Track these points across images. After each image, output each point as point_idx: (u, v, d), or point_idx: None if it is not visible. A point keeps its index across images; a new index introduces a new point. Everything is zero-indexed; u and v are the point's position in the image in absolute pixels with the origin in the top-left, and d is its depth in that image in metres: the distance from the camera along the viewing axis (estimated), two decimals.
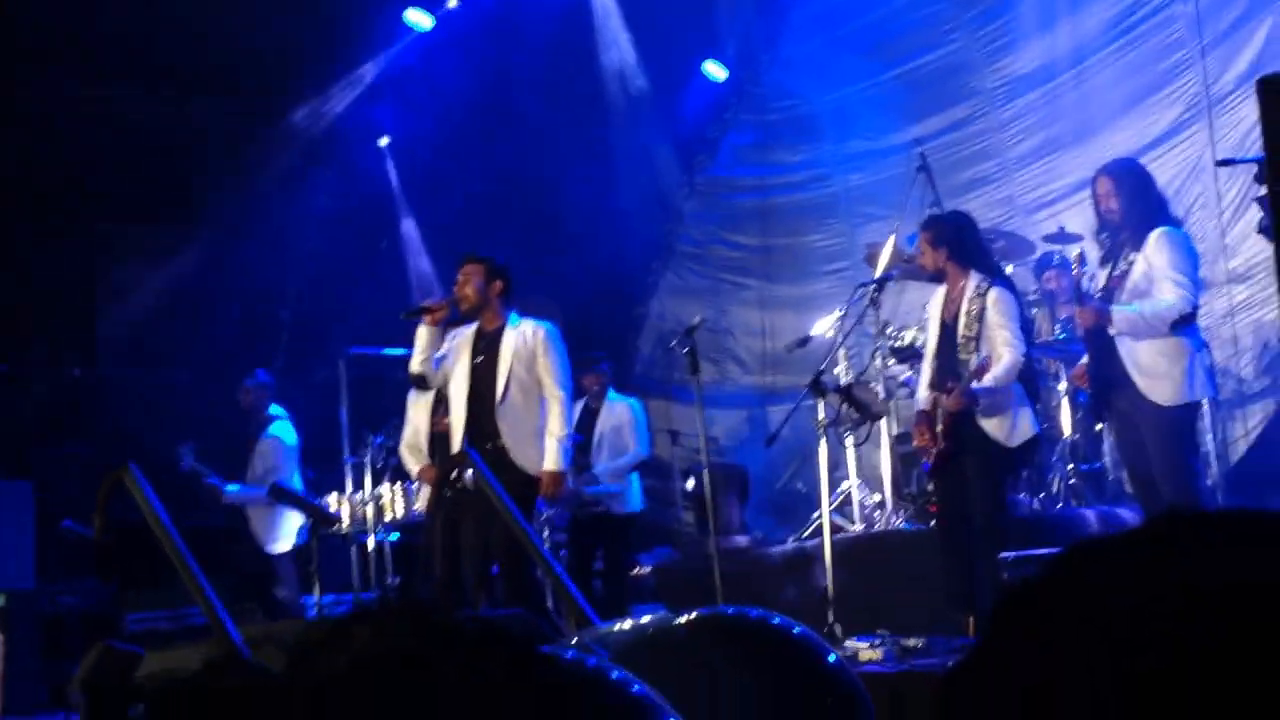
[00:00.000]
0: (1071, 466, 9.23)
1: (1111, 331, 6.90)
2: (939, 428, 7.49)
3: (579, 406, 10.76)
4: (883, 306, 9.28)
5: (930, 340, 7.77)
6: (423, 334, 8.07)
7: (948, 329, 7.59)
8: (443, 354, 8.05)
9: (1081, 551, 1.13)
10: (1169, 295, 6.78)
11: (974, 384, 7.28)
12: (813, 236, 13.38)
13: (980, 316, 7.44)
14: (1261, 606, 0.97)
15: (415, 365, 8.14)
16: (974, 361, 7.31)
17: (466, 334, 8.14)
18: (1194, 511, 1.16)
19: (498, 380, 7.89)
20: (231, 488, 10.39)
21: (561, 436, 7.83)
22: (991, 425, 7.38)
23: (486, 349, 8.00)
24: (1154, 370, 6.84)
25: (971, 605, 7.43)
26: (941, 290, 7.75)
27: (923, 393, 7.72)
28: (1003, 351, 7.35)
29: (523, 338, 7.95)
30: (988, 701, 1.06)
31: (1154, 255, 6.84)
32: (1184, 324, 6.86)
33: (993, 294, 7.47)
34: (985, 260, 7.71)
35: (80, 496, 7.66)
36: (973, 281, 7.53)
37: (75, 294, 11.30)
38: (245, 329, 12.47)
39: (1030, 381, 7.70)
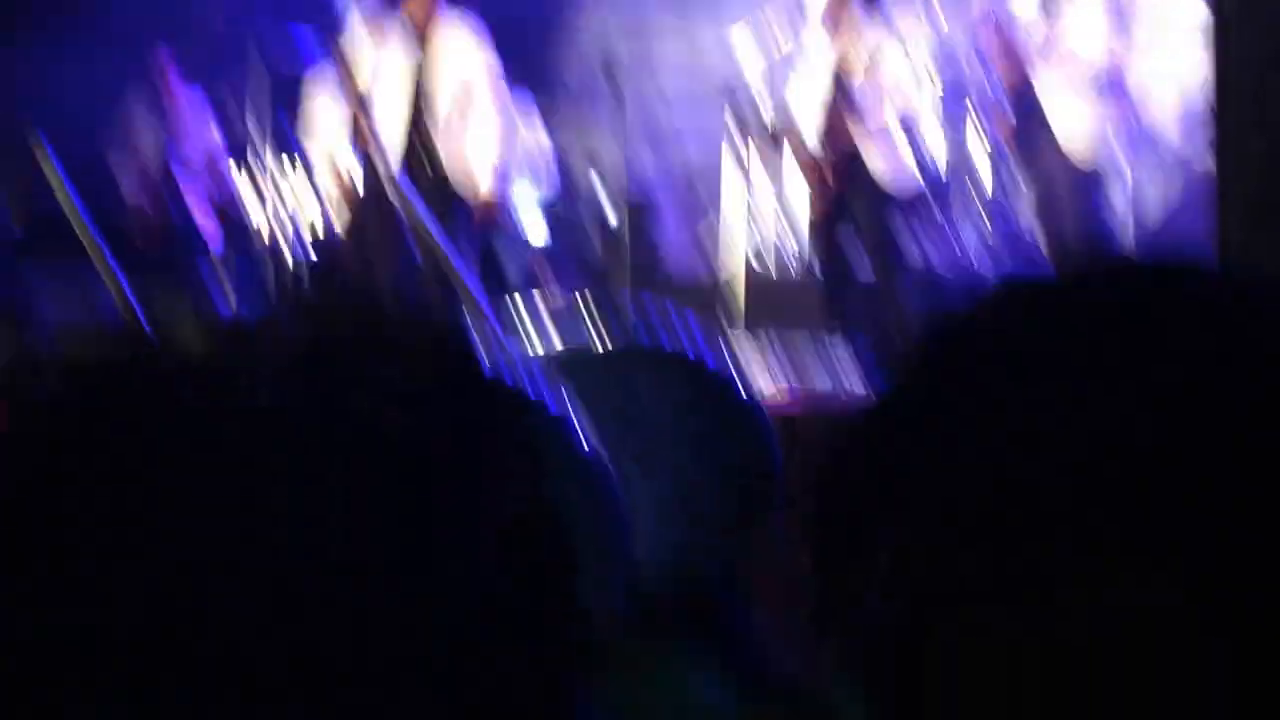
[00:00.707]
0: (989, 226, 9.36)
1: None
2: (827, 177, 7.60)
3: None
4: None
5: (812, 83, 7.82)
6: None
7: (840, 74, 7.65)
8: None
9: (1016, 288, 1.07)
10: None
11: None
12: None
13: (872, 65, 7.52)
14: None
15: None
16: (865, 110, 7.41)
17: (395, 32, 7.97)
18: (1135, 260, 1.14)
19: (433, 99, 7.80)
20: None
21: (500, 158, 7.82)
22: (878, 170, 7.48)
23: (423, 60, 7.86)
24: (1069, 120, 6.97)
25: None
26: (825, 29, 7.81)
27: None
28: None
29: (454, 40, 7.78)
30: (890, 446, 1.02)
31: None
32: None
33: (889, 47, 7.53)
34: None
35: None
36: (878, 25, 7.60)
37: None
38: None
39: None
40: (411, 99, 7.74)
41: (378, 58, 7.87)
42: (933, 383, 1.00)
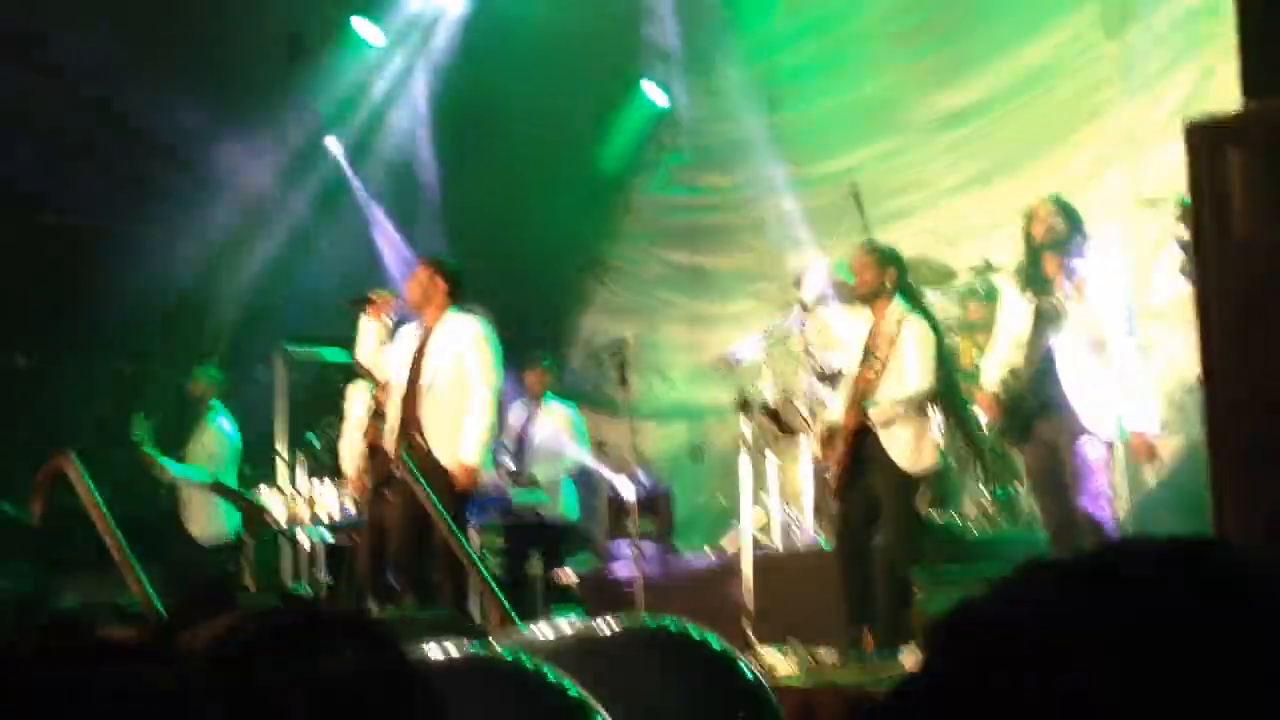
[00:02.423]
0: (986, 490, 9.50)
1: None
2: (840, 444, 7.79)
3: (517, 406, 10.96)
4: (808, 328, 9.50)
5: (850, 364, 8.06)
6: (364, 325, 8.27)
7: (867, 352, 7.90)
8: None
9: (1030, 573, 1.12)
10: (1122, 340, 7.13)
11: (874, 400, 7.61)
12: (741, 257, 13.61)
13: (893, 342, 7.76)
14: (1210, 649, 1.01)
15: (360, 357, 8.33)
16: (880, 385, 7.63)
17: (412, 329, 8.33)
18: (1146, 541, 1.18)
19: (423, 373, 8.05)
20: (177, 467, 10.55)
21: (481, 430, 7.97)
22: (895, 448, 7.68)
23: (423, 344, 8.18)
24: (1091, 400, 7.15)
25: (871, 620, 7.72)
26: (865, 314, 8.06)
27: (836, 414, 8.02)
28: (911, 378, 7.68)
29: (455, 332, 8.11)
30: None
31: (1102, 294, 7.17)
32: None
33: (912, 319, 7.81)
34: (908, 290, 8.03)
35: (19, 480, 7.75)
36: (895, 308, 7.85)
37: (19, 282, 11.33)
38: (186, 320, 12.57)
39: (948, 411, 8.00)
40: (409, 379, 8.10)
41: (394, 352, 8.28)
42: (951, 667, 1.08)
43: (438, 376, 8.04)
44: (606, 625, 3.18)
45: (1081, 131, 11.28)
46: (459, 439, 7.95)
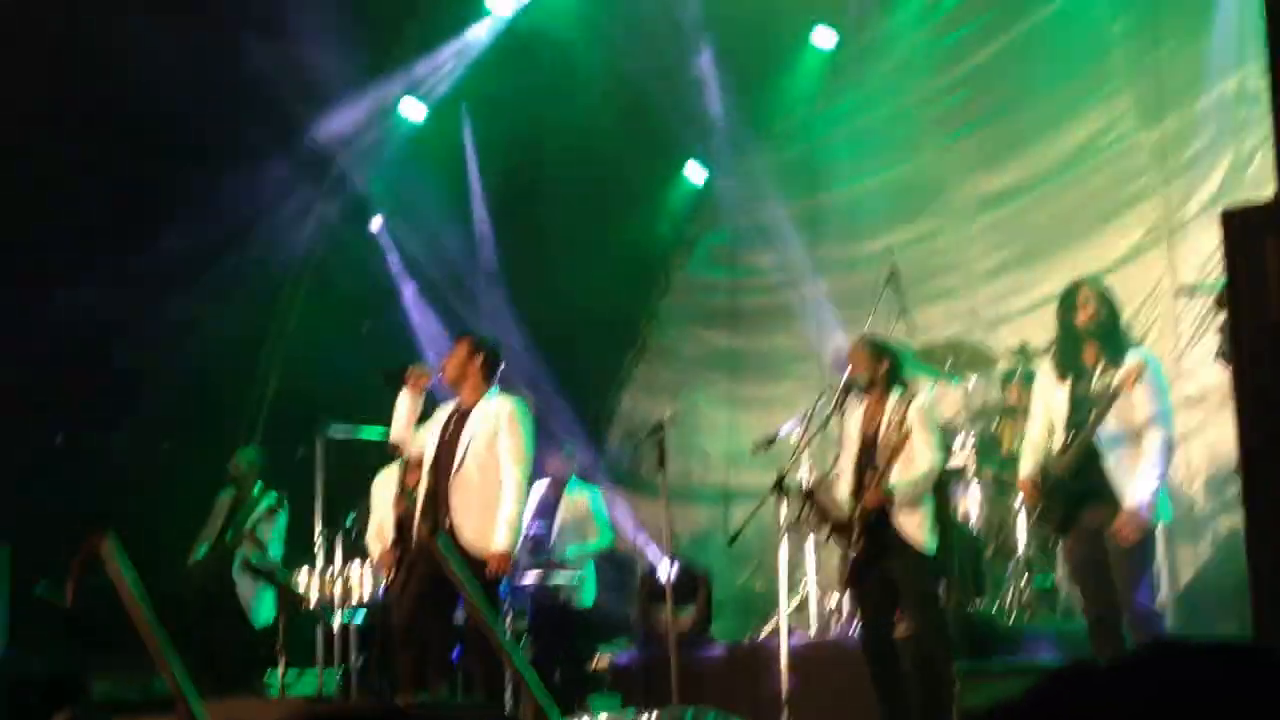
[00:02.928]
0: (1025, 579, 9.43)
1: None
2: (855, 534, 7.75)
3: (541, 489, 10.97)
4: (847, 412, 9.48)
5: (849, 453, 8.05)
6: (401, 400, 8.27)
7: (867, 440, 7.89)
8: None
9: (1072, 677, 1.15)
10: (1157, 430, 7.08)
11: (890, 483, 7.59)
12: (780, 338, 13.63)
13: (901, 424, 7.74)
14: None
15: (394, 432, 8.34)
16: (895, 468, 7.60)
17: (448, 407, 8.33)
18: (1181, 645, 1.22)
19: (455, 454, 8.05)
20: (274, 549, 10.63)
21: (510, 517, 7.90)
22: (910, 529, 7.64)
23: (457, 423, 8.17)
24: (1133, 487, 7.09)
25: (908, 713, 7.66)
26: (861, 406, 8.07)
27: (842, 503, 7.99)
28: (922, 458, 7.65)
29: (489, 413, 8.09)
30: None
31: (1144, 382, 7.13)
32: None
33: (918, 401, 7.81)
34: (905, 381, 8.04)
35: (55, 560, 7.79)
36: (894, 394, 7.86)
37: (60, 361, 11.43)
38: (227, 401, 12.65)
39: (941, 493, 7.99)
40: (442, 457, 8.09)
41: (428, 428, 8.30)
42: None
43: (470, 457, 8.01)
44: (643, 717, 3.17)
45: (1119, 217, 11.29)
46: (489, 524, 7.90)
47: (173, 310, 12.11)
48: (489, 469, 7.99)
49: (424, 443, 8.30)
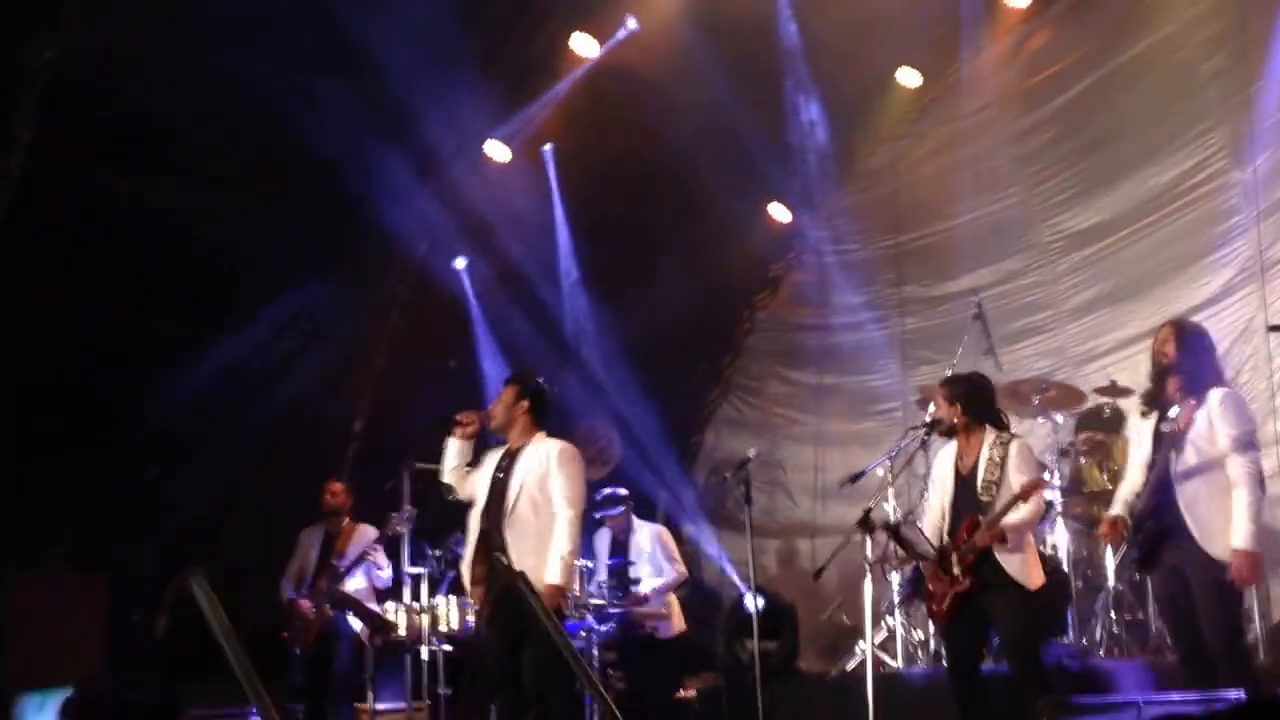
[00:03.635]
0: (1114, 615, 9.38)
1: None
2: (957, 569, 7.72)
3: (607, 539, 11.08)
4: (932, 449, 9.48)
5: (942, 493, 8.00)
6: (451, 445, 8.36)
7: (964, 480, 7.86)
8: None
9: None
10: (1239, 463, 7.01)
11: (1003, 521, 7.56)
12: (867, 376, 13.66)
13: (1003, 463, 7.72)
14: None
15: (445, 475, 8.43)
16: (998, 505, 7.57)
17: (498, 451, 8.42)
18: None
19: (509, 495, 8.12)
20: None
21: (565, 553, 7.87)
22: (1014, 566, 7.61)
23: (508, 465, 8.24)
24: (1211, 525, 7.03)
25: None
26: (950, 446, 8.05)
27: (932, 541, 7.94)
28: (1032, 494, 7.63)
29: (539, 455, 8.16)
30: None
31: (1219, 417, 7.09)
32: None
33: (1015, 444, 7.79)
34: (998, 417, 8.01)
35: (152, 590, 7.94)
36: (989, 433, 7.83)
37: (156, 396, 11.63)
38: (318, 437, 12.81)
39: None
40: (494, 500, 8.17)
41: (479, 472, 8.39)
42: None
43: (523, 498, 8.08)
44: None
45: (1210, 255, 11.25)
46: (543, 562, 7.98)
47: (267, 347, 12.29)
48: (542, 509, 8.03)
49: (475, 486, 8.37)
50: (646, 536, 10.92)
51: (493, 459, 8.35)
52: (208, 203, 11.56)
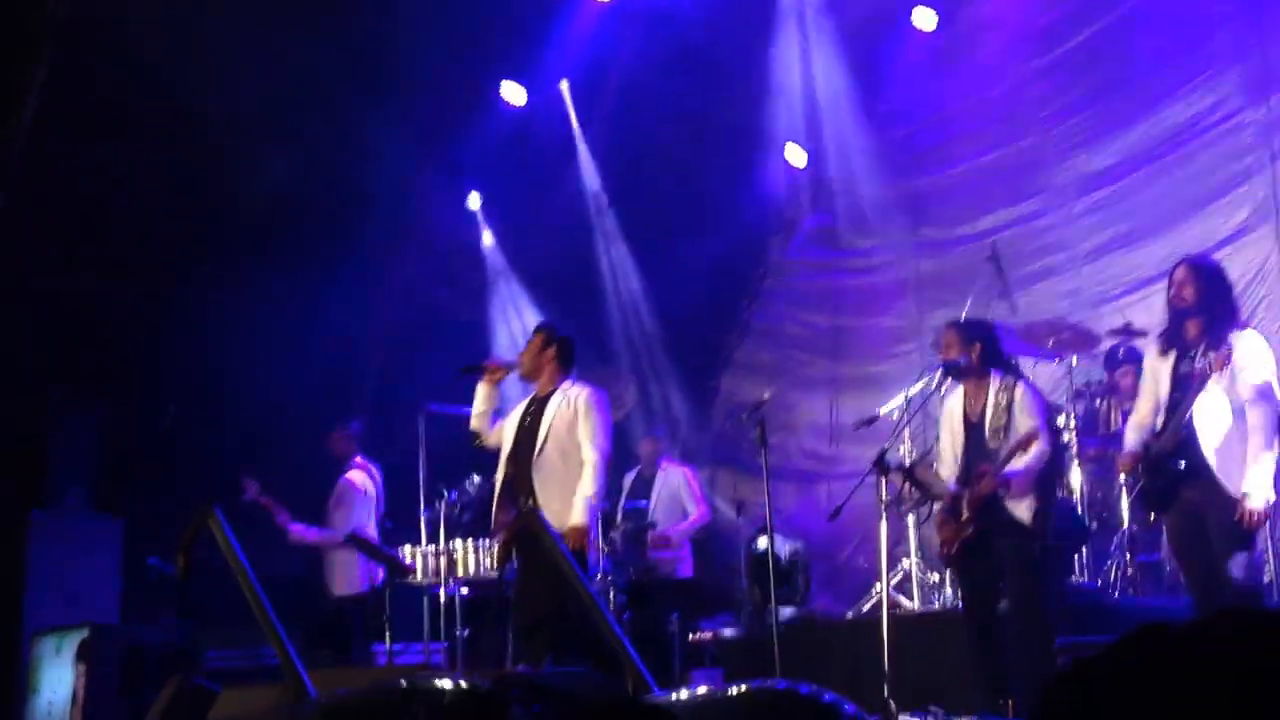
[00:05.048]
0: (1129, 556, 9.39)
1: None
2: (964, 515, 7.74)
3: (633, 475, 11.11)
4: (947, 390, 9.46)
5: (953, 438, 8.02)
6: (480, 391, 8.45)
7: (973, 425, 7.87)
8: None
9: (1142, 637, 1.18)
10: (1259, 408, 7.00)
11: (1006, 469, 7.56)
12: (881, 319, 13.65)
13: (1009, 407, 7.72)
14: None
15: (473, 421, 8.49)
16: (1003, 451, 7.58)
17: (526, 398, 8.48)
18: (1249, 611, 1.22)
19: (537, 440, 8.19)
20: (295, 526, 10.78)
21: (589, 495, 8.02)
22: (1020, 511, 7.63)
23: (535, 411, 8.32)
24: (1232, 464, 7.02)
25: (1006, 690, 7.64)
26: (958, 390, 8.05)
27: (948, 485, 7.96)
28: (1033, 444, 7.62)
29: (566, 401, 8.24)
30: None
31: (1242, 361, 7.06)
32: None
33: (1020, 386, 7.80)
34: (1006, 362, 8.00)
35: (167, 534, 7.95)
36: (995, 378, 7.83)
37: (172, 341, 11.65)
38: (332, 381, 12.83)
39: (1057, 474, 7.92)
40: (521, 445, 8.23)
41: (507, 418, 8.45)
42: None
43: (551, 442, 8.16)
44: (736, 689, 3.17)
45: (1225, 196, 11.18)
46: (569, 506, 8.05)
47: (278, 294, 12.31)
48: (570, 454, 8.14)
49: (502, 431, 8.44)
50: (675, 476, 10.92)
51: (520, 406, 8.43)
52: (221, 156, 11.61)
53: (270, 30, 10.93)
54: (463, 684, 3.14)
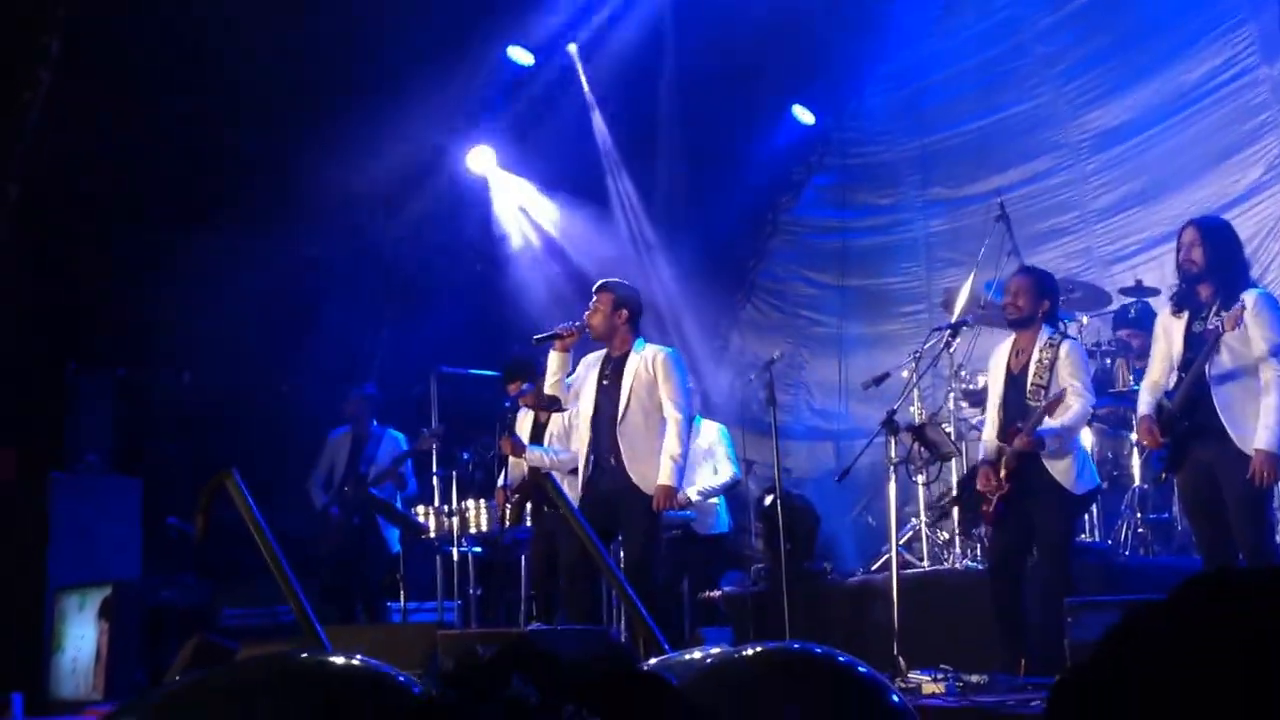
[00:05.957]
0: (1140, 515, 9.42)
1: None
2: (1003, 472, 7.77)
3: None
4: (956, 350, 9.49)
5: (995, 389, 8.06)
6: (554, 358, 8.47)
7: (1015, 379, 7.89)
8: (572, 377, 8.45)
9: (1201, 587, 1.20)
10: (1272, 366, 7.01)
11: (1042, 427, 7.59)
12: (890, 279, 13.65)
13: (1052, 366, 7.74)
14: None
15: (548, 387, 8.52)
16: (1039, 408, 7.61)
17: (595, 358, 8.51)
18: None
19: (619, 402, 8.25)
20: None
21: (675, 454, 8.15)
22: (1058, 471, 7.65)
23: (612, 373, 8.38)
24: (1246, 423, 7.06)
25: (1024, 647, 7.69)
26: (1008, 341, 8.06)
27: (990, 441, 8.00)
28: (1073, 400, 7.64)
29: (645, 362, 8.31)
30: None
31: (1254, 319, 7.07)
32: None
33: (1066, 345, 7.80)
34: (1056, 317, 8.01)
35: (186, 494, 8.04)
36: (1044, 334, 7.84)
37: (188, 304, 11.70)
38: (346, 343, 12.89)
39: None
40: (602, 407, 8.29)
41: (581, 376, 8.48)
42: (1102, 682, 1.11)
43: (634, 403, 8.23)
44: (749, 650, 3.16)
45: (1238, 153, 11.15)
46: (654, 465, 8.15)
47: (285, 252, 12.35)
48: (652, 414, 8.23)
49: (580, 393, 8.48)
50: (712, 432, 10.94)
51: (592, 368, 8.46)
52: (238, 125, 11.66)
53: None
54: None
